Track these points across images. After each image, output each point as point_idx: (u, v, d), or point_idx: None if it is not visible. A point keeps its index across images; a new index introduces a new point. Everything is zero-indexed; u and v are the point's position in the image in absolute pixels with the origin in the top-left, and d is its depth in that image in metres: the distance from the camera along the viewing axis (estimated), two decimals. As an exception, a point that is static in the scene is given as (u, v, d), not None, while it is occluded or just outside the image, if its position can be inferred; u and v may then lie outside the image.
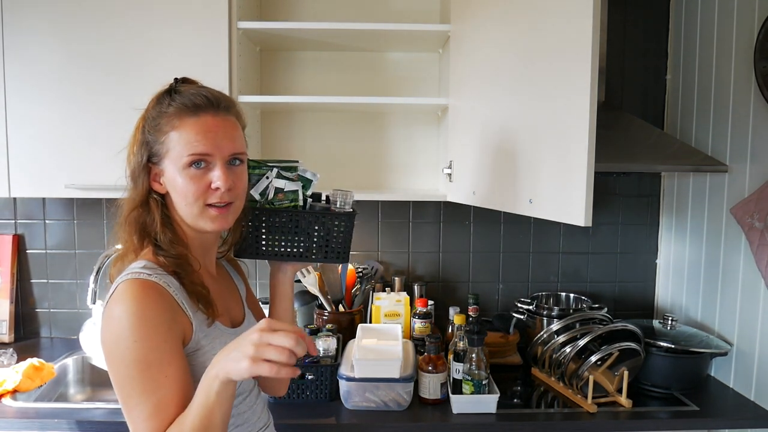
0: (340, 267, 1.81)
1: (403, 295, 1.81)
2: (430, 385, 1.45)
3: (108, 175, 1.59)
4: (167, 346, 0.86)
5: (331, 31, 1.69)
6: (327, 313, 1.74)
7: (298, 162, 1.13)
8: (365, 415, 1.40)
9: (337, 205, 1.12)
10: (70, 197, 1.79)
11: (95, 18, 1.57)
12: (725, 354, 1.58)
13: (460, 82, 1.59)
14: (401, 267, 2.04)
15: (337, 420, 1.38)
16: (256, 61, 1.88)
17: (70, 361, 1.77)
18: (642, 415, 1.43)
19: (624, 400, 1.46)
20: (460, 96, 1.60)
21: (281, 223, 1.08)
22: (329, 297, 1.78)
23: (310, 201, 1.14)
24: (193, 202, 0.93)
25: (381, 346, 1.51)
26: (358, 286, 1.85)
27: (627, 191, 2.02)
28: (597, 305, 1.84)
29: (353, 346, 1.54)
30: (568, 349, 1.51)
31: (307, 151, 1.98)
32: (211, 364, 0.83)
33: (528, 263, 2.05)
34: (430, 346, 1.46)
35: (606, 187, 2.01)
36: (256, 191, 1.08)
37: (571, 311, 1.72)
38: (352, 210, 1.14)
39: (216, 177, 0.92)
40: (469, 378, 1.40)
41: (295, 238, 1.10)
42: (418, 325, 1.75)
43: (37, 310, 1.99)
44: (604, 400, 1.48)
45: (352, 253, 2.01)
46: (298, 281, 1.81)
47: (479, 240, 2.03)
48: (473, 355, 1.40)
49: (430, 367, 1.44)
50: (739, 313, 1.58)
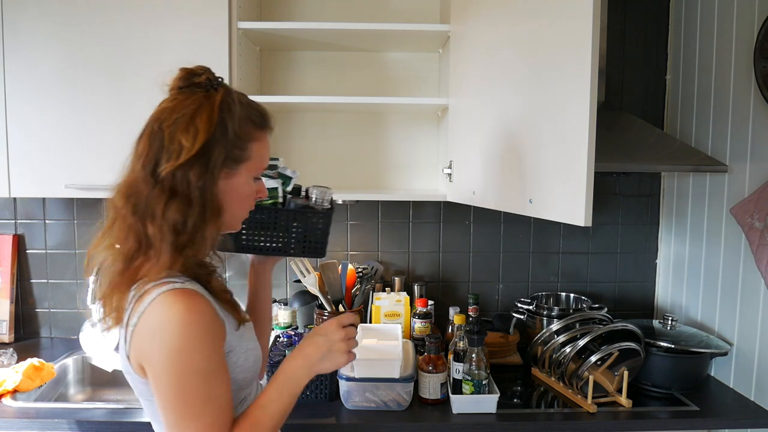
0: (340, 267, 1.81)
1: (403, 295, 1.81)
2: (430, 385, 1.45)
3: (108, 175, 1.59)
4: (219, 354, 0.88)
5: (331, 31, 1.69)
6: (327, 313, 1.74)
7: (278, 159, 1.17)
8: (365, 415, 1.40)
9: (315, 201, 1.17)
10: (70, 197, 1.79)
11: (95, 18, 1.57)
12: (725, 354, 1.58)
13: (460, 82, 1.59)
14: (401, 267, 2.04)
15: (337, 420, 1.38)
16: (256, 61, 1.88)
17: (70, 361, 1.77)
18: (642, 415, 1.43)
19: (624, 400, 1.46)
20: (460, 96, 1.60)
21: (261, 219, 1.12)
22: (329, 297, 1.78)
23: (290, 197, 1.18)
24: (247, 208, 0.98)
25: (381, 346, 1.51)
26: (358, 286, 1.85)
27: (627, 191, 2.02)
28: (597, 305, 1.84)
29: (353, 346, 1.54)
30: (568, 349, 1.51)
31: (307, 151, 1.98)
32: (297, 361, 0.95)
33: (528, 263, 2.05)
34: (430, 346, 1.46)
35: (606, 187, 2.01)
36: None
37: (571, 311, 1.72)
38: (330, 207, 1.18)
39: (263, 187, 1.01)
40: (469, 378, 1.40)
41: (275, 234, 1.14)
42: (418, 325, 1.75)
43: (37, 310, 1.99)
44: (604, 400, 1.48)
45: (352, 253, 2.03)
46: (298, 281, 1.81)
47: (479, 240, 2.03)
48: (473, 355, 1.40)
49: (430, 367, 1.44)
50: (739, 313, 1.58)
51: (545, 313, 1.74)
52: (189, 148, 0.85)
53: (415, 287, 1.93)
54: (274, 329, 1.92)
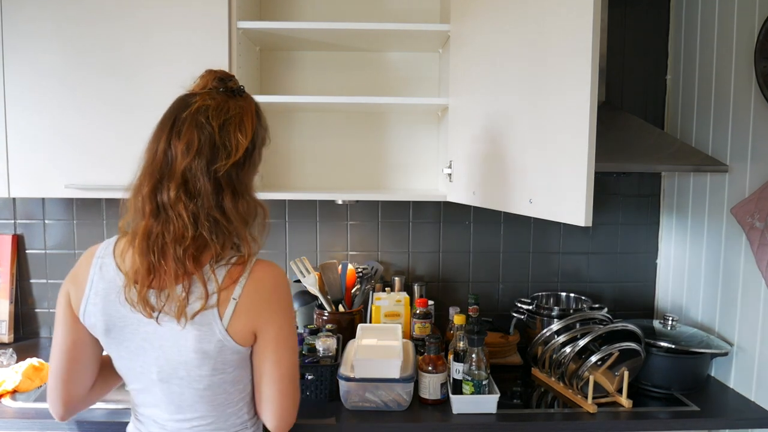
0: (340, 267, 1.81)
1: (403, 295, 1.81)
2: (430, 386, 1.44)
3: (108, 176, 1.59)
4: None
5: (331, 31, 1.69)
6: (327, 313, 1.74)
7: None
8: (365, 415, 1.40)
9: None
10: (69, 197, 1.79)
11: (95, 19, 1.57)
12: (725, 354, 1.57)
13: (460, 81, 1.59)
14: (401, 267, 2.04)
15: (337, 420, 1.38)
16: (256, 61, 1.88)
17: (69, 362, 1.77)
18: (642, 415, 1.43)
19: (624, 400, 1.46)
20: (460, 96, 1.60)
21: None
22: (329, 297, 1.77)
23: None
24: None
25: (381, 346, 1.50)
26: (358, 286, 1.85)
27: (627, 191, 2.02)
28: (597, 305, 1.84)
29: (353, 346, 1.53)
30: (568, 349, 1.50)
31: (307, 151, 1.98)
32: None
33: (528, 263, 2.04)
34: (430, 346, 1.46)
35: (606, 187, 2.01)
36: None
37: (571, 311, 1.72)
38: None
39: None
40: (469, 378, 1.40)
41: None
42: (418, 325, 1.75)
43: (36, 311, 1.99)
44: (604, 401, 1.47)
45: (352, 253, 2.03)
46: (298, 281, 1.81)
47: (479, 240, 2.03)
48: (473, 355, 1.40)
49: (430, 367, 1.44)
50: (740, 313, 1.58)
51: (545, 313, 1.74)
52: (245, 145, 0.95)
53: (415, 287, 1.93)
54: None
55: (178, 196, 0.90)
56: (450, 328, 1.80)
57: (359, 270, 1.88)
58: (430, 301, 1.90)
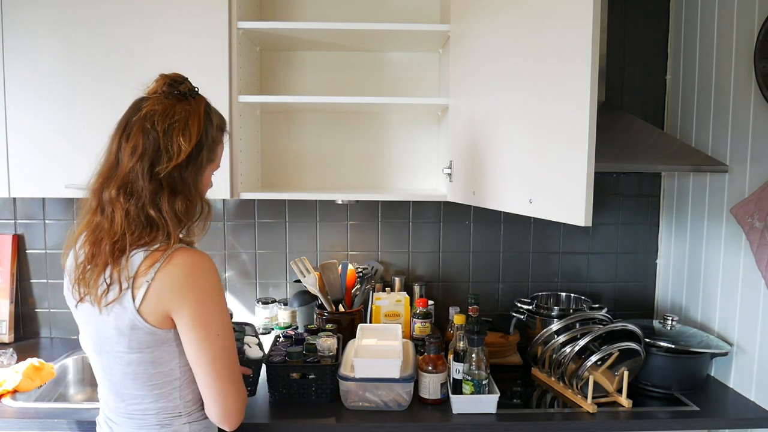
0: (340, 267, 1.81)
1: (403, 295, 1.81)
2: (430, 385, 1.44)
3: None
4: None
5: (331, 31, 1.69)
6: (327, 313, 1.74)
7: None
8: (365, 415, 1.40)
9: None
10: (69, 197, 1.79)
11: (95, 18, 1.57)
12: (725, 354, 1.57)
13: (460, 81, 1.59)
14: (401, 267, 2.04)
15: (337, 420, 1.38)
16: (256, 61, 1.88)
17: (69, 361, 1.77)
18: (642, 415, 1.43)
19: (624, 400, 1.46)
20: (460, 96, 1.60)
21: None
22: (329, 297, 1.78)
23: None
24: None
25: (381, 346, 1.51)
26: (358, 286, 1.85)
27: (627, 191, 2.02)
28: (597, 305, 1.85)
29: (353, 346, 1.54)
30: (568, 349, 1.51)
31: (307, 151, 1.98)
32: None
33: (528, 263, 2.05)
34: (430, 346, 1.46)
35: (606, 187, 2.01)
36: None
37: (571, 311, 1.72)
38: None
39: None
40: (469, 378, 1.40)
41: None
42: (418, 325, 1.75)
43: (36, 310, 1.99)
44: (604, 400, 1.47)
45: (352, 253, 2.03)
46: (298, 281, 1.81)
47: (479, 240, 2.03)
48: (473, 355, 1.40)
49: (430, 367, 1.44)
50: (739, 313, 1.58)
51: (545, 313, 1.74)
52: (187, 149, 1.02)
53: (415, 287, 1.93)
54: (274, 329, 1.92)
55: (118, 196, 1.00)
56: (450, 328, 1.80)
57: (359, 270, 1.88)
58: (430, 301, 1.90)
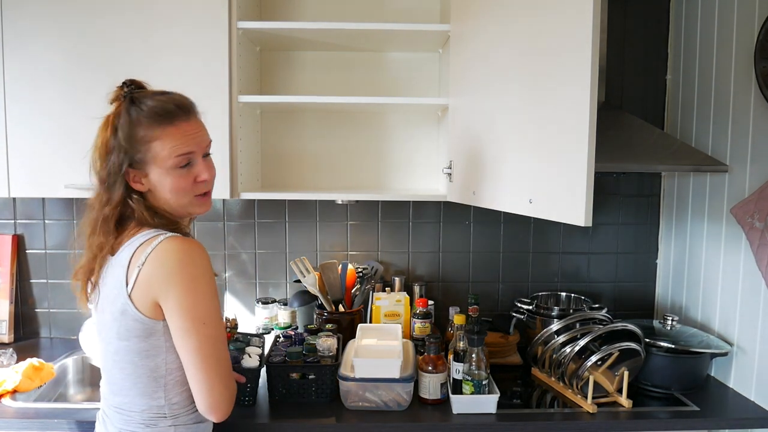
0: (340, 267, 1.81)
1: (403, 295, 1.81)
2: (430, 385, 1.44)
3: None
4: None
5: (331, 31, 1.69)
6: (327, 313, 1.74)
7: None
8: (365, 415, 1.40)
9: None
10: (69, 197, 1.79)
11: (95, 18, 1.57)
12: (725, 354, 1.57)
13: (460, 81, 1.59)
14: (401, 267, 2.04)
15: (337, 420, 1.38)
16: (256, 61, 1.88)
17: (69, 361, 1.77)
18: (642, 415, 1.43)
19: (624, 400, 1.46)
20: (459, 96, 1.60)
21: None
22: (329, 297, 1.78)
23: None
24: (184, 196, 1.08)
25: (381, 346, 1.51)
26: (358, 286, 1.85)
27: (627, 191, 2.02)
28: (597, 305, 1.85)
29: (353, 346, 1.54)
30: (568, 349, 1.51)
31: (307, 151, 1.98)
32: None
33: (528, 263, 2.04)
34: (430, 346, 1.46)
35: (606, 187, 2.01)
36: None
37: (571, 311, 1.72)
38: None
39: (201, 171, 1.08)
40: (469, 378, 1.40)
41: None
42: (418, 325, 1.75)
43: (36, 310, 1.99)
44: (604, 400, 1.47)
45: (352, 253, 2.03)
46: (298, 281, 1.81)
47: (479, 240, 2.03)
48: (473, 355, 1.40)
49: (430, 367, 1.44)
50: (740, 313, 1.58)
51: (545, 313, 1.74)
52: (95, 158, 1.06)
53: (415, 287, 1.93)
54: (274, 329, 1.92)
55: (98, 203, 1.06)
56: (450, 328, 1.80)
57: (359, 270, 1.88)
58: (430, 301, 1.90)
